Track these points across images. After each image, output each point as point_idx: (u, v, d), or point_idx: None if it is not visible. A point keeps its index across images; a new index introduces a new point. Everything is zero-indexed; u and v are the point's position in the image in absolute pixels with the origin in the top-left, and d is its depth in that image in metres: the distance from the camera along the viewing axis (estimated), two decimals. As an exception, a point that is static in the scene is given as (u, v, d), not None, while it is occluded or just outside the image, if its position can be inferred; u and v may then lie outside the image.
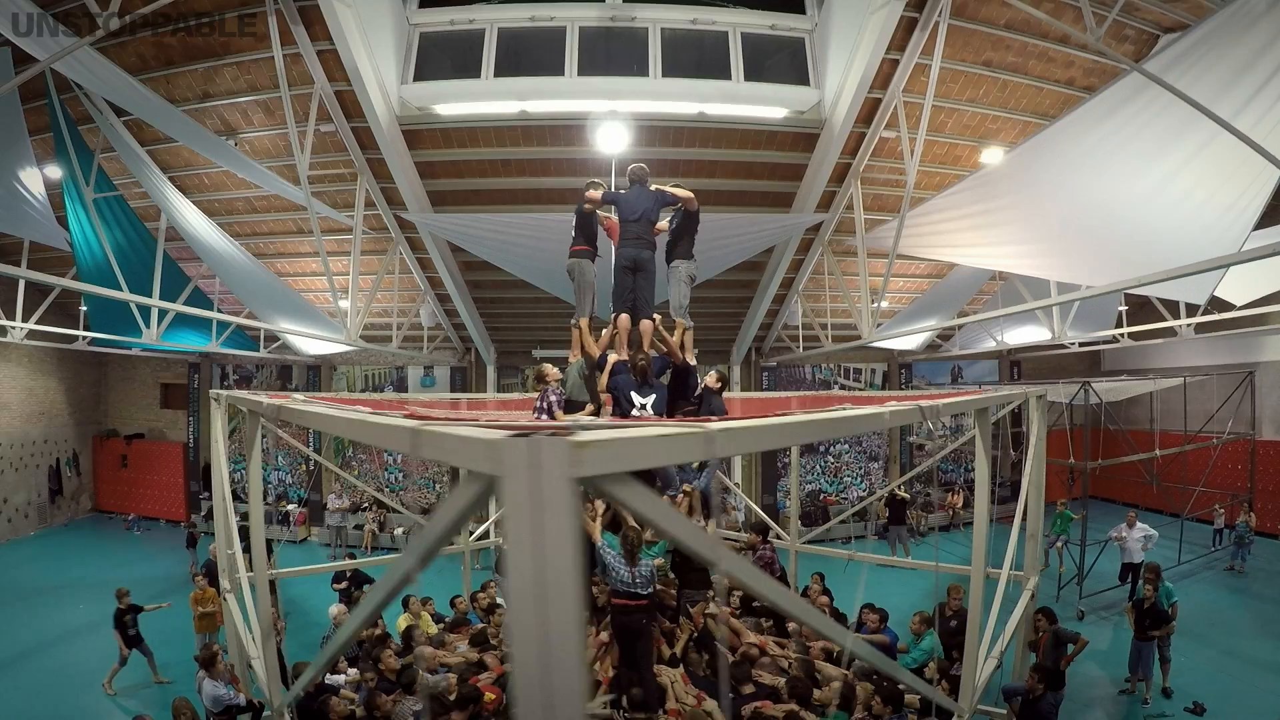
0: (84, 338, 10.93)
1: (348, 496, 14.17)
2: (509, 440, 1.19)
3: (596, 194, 5.53)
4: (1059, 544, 10.46)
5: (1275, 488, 11.90)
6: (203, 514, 14.75)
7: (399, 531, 13.77)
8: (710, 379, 5.34)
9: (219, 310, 9.51)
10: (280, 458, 15.70)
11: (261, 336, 12.92)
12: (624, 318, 5.27)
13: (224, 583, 6.14)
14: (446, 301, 13.49)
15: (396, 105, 8.29)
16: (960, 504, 15.41)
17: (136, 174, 7.89)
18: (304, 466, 14.49)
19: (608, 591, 5.34)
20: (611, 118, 8.36)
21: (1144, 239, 6.47)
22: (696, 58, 8.72)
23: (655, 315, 5.40)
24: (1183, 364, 13.14)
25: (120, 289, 7.23)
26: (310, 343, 12.17)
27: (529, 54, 8.54)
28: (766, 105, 8.72)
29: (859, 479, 16.86)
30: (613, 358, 4.99)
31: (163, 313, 8.76)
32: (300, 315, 9.98)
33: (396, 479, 15.33)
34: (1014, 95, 8.74)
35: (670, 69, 8.53)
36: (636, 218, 5.36)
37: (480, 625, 6.25)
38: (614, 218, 6.33)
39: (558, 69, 8.43)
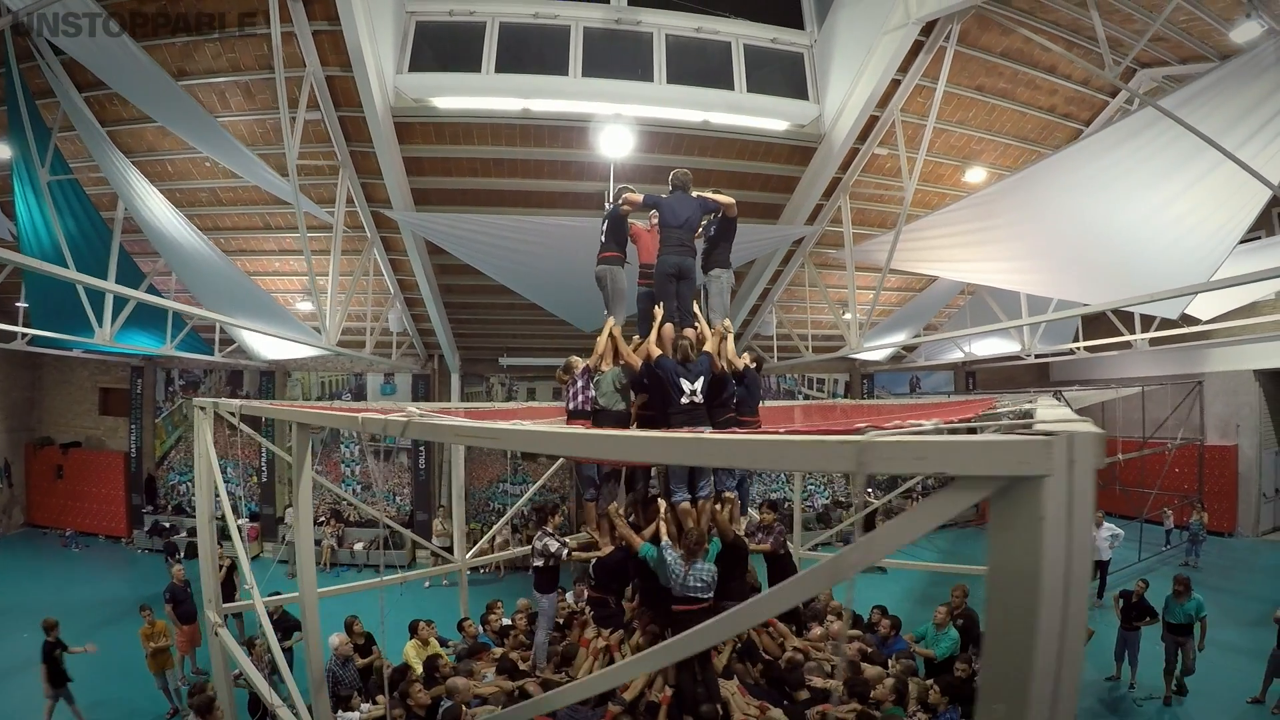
0: (24, 335, 9.72)
1: (305, 511, 13.22)
2: (1057, 438, 1.20)
3: (637, 196, 5.36)
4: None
5: (1220, 489, 12.98)
6: (146, 530, 13.53)
7: (359, 546, 12.98)
8: (746, 359, 5.30)
9: (175, 312, 8.65)
10: (229, 468, 14.46)
11: (216, 340, 11.90)
12: (669, 327, 5.13)
13: (211, 615, 5.50)
14: (415, 306, 12.91)
15: (391, 95, 7.84)
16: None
17: (97, 156, 7.09)
18: (254, 478, 13.44)
19: (648, 602, 5.14)
20: (616, 121, 8.19)
21: (1135, 259, 6.86)
22: (700, 66, 8.70)
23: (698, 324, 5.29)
24: (1127, 375, 14.16)
25: (72, 284, 6.44)
26: (267, 347, 11.32)
27: (531, 51, 8.29)
28: (769, 117, 8.78)
29: (822, 486, 17.19)
30: (656, 353, 4.87)
31: (117, 309, 7.86)
32: (269, 317, 9.24)
33: (355, 491, 14.47)
34: (999, 119, 9.14)
35: (674, 76, 8.48)
36: (680, 224, 5.23)
37: (499, 650, 5.88)
38: (639, 225, 6.16)
39: (560, 68, 8.22)
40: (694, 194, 5.44)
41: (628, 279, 5.88)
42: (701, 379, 4.62)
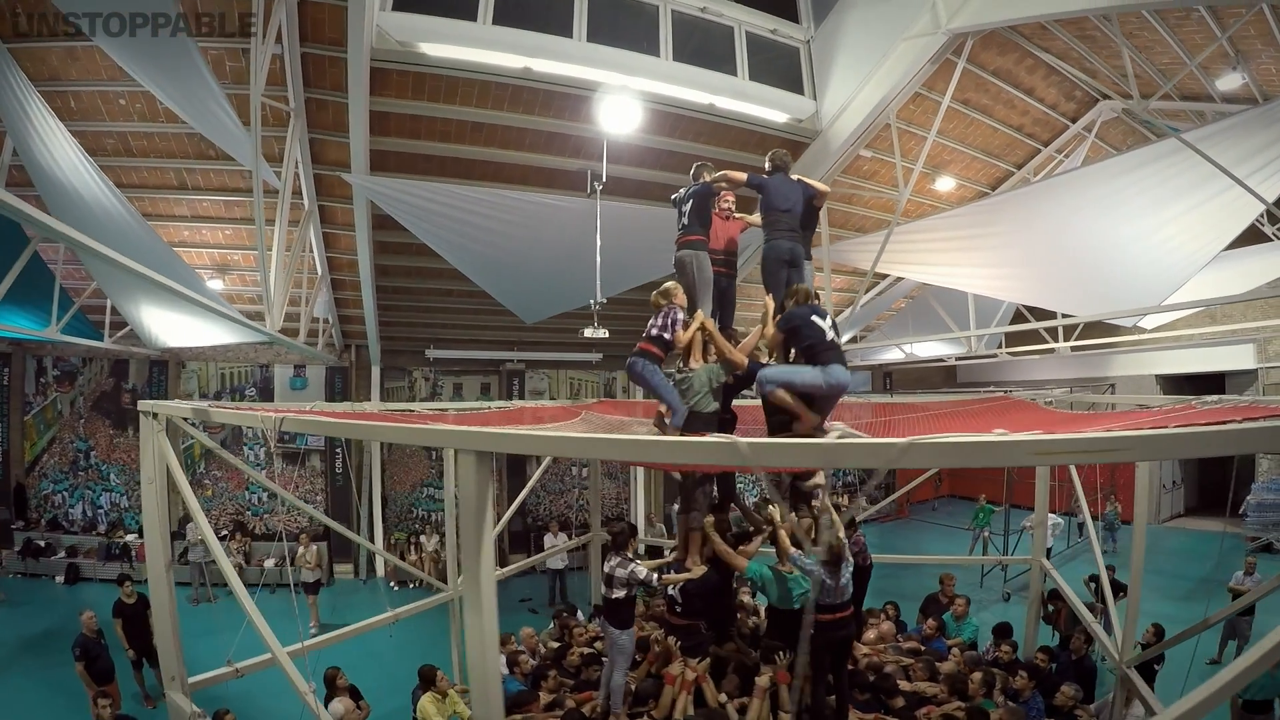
0: None
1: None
2: None
3: (740, 175, 4.89)
4: (984, 535, 11.70)
5: (1125, 482, 14.60)
6: (16, 550, 11.11)
7: (269, 563, 11.15)
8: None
9: (61, 287, 6.67)
10: (113, 475, 12.05)
11: (106, 322, 9.55)
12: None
13: (180, 701, 4.09)
14: (342, 288, 11.34)
15: (374, 35, 6.64)
16: (846, 503, 16.80)
17: (-8, 81, 5.26)
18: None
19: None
20: (622, 92, 7.56)
21: (1119, 275, 7.43)
22: (702, 47, 8.33)
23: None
24: (1033, 377, 15.62)
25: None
26: (166, 332, 9.32)
27: (530, 7, 7.45)
28: (771, 108, 8.58)
29: (750, 485, 17.39)
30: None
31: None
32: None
33: (259, 500, 12.43)
34: (973, 132, 9.57)
35: (678, 55, 8.04)
36: (788, 208, 4.83)
37: (543, 695, 5.04)
38: (713, 211, 5.62)
39: (562, 29, 7.47)
40: (795, 178, 5.05)
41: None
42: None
